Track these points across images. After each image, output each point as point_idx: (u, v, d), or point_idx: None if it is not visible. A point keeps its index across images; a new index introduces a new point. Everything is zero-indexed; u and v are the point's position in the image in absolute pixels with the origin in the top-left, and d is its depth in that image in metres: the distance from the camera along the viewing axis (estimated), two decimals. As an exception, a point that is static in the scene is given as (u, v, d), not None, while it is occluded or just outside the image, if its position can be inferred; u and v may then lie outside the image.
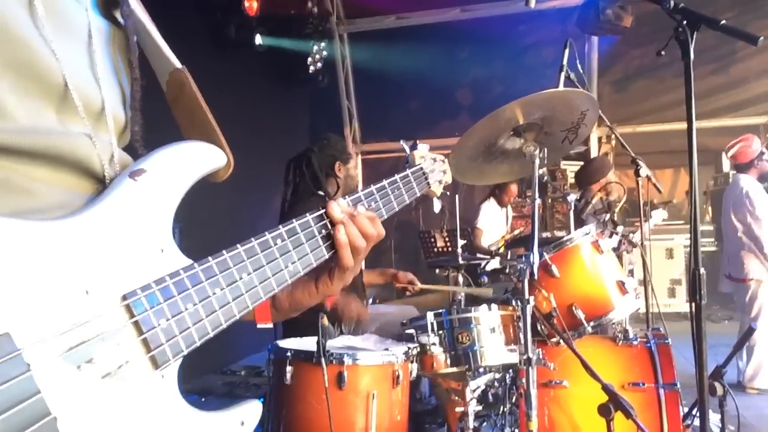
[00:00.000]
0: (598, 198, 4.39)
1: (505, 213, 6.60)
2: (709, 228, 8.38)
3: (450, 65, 8.20)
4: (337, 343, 2.49)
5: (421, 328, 2.38)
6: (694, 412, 2.51)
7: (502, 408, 2.79)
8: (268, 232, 0.90)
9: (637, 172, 3.55)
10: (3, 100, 0.69)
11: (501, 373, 2.68)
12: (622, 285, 2.61)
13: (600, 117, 2.88)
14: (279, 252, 0.90)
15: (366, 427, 2.15)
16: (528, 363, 2.24)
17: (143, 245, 0.76)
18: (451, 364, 2.36)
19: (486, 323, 2.36)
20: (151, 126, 0.91)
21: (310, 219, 0.97)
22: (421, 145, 1.40)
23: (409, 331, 2.38)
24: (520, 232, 4.76)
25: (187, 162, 0.84)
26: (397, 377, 2.22)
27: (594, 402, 2.17)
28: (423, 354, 2.37)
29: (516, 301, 2.39)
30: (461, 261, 3.29)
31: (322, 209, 1.00)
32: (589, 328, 2.54)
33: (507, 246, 5.10)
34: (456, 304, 3.01)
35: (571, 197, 3.56)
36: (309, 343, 2.39)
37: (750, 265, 4.77)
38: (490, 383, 2.72)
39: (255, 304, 0.85)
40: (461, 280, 3.31)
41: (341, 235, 0.99)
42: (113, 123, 0.83)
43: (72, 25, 0.80)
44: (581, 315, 2.53)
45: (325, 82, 7.84)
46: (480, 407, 2.58)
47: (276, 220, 3.19)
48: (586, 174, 4.84)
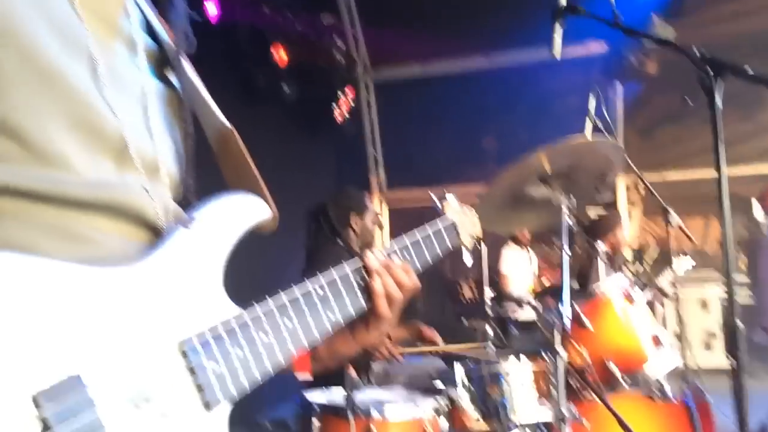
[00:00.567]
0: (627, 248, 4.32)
1: (528, 255, 6.53)
2: (745, 279, 8.16)
3: (475, 112, 8.25)
4: (365, 396, 2.43)
5: (450, 381, 2.32)
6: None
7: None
8: (309, 281, 0.93)
9: (668, 220, 3.48)
10: (68, 154, 0.75)
11: (533, 430, 2.58)
12: (657, 338, 2.53)
13: (627, 165, 2.84)
14: (320, 302, 0.93)
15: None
16: (562, 420, 2.16)
17: (197, 293, 0.80)
18: (482, 419, 2.28)
19: (517, 377, 2.29)
20: (203, 180, 0.96)
21: (348, 269, 1.00)
22: (450, 197, 1.41)
23: (438, 384, 2.32)
24: (551, 285, 4.67)
25: (237, 213, 0.88)
26: (426, 433, 2.15)
27: (631, 462, 2.08)
28: (452, 408, 2.30)
29: (547, 355, 2.32)
30: (489, 313, 3.22)
31: (357, 259, 1.02)
32: (624, 383, 2.45)
33: (538, 296, 5.01)
34: (484, 356, 2.93)
35: (601, 247, 3.50)
36: (336, 395, 2.33)
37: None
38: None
39: (299, 352, 0.88)
40: (490, 331, 3.24)
41: (378, 285, 1.01)
42: (167, 176, 0.89)
43: (130, 86, 0.86)
44: (615, 369, 2.44)
45: (352, 130, 7.93)
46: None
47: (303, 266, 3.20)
48: (592, 229, 4.77)
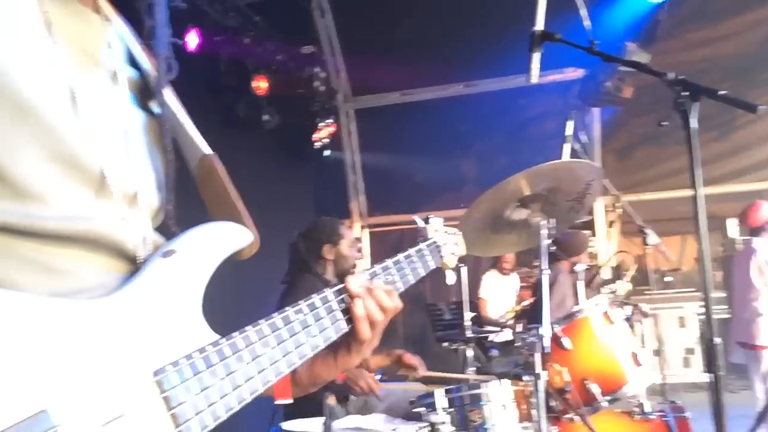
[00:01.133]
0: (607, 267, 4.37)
1: (510, 282, 6.56)
2: (722, 295, 8.26)
3: (454, 138, 8.34)
4: (344, 424, 2.42)
5: (431, 406, 2.31)
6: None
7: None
8: (289, 306, 0.93)
9: (645, 240, 3.53)
10: (45, 188, 0.75)
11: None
12: (635, 357, 2.55)
13: (605, 186, 2.89)
14: (300, 326, 0.93)
15: None
16: (543, 441, 2.16)
17: (174, 322, 0.80)
18: (464, 443, 2.28)
19: (497, 400, 2.29)
20: (183, 205, 0.97)
21: (329, 293, 1.01)
22: (434, 219, 1.43)
23: (418, 410, 2.31)
24: (529, 303, 4.71)
25: (216, 242, 0.89)
26: (408, 459, 2.14)
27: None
28: (434, 433, 2.29)
29: (528, 376, 2.33)
30: (470, 334, 3.23)
31: (340, 284, 1.03)
32: (605, 402, 2.46)
33: (516, 318, 5.03)
34: (464, 380, 2.93)
35: (580, 267, 3.53)
36: (314, 425, 2.32)
37: (764, 332, 4.65)
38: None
39: (278, 377, 0.87)
40: (470, 354, 3.24)
41: (359, 309, 1.01)
42: (147, 205, 0.90)
43: (110, 117, 0.87)
44: (596, 389, 2.46)
45: (332, 157, 7.97)
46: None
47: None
48: (558, 248, 4.81)
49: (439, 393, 2.32)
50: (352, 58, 8.32)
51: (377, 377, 3.59)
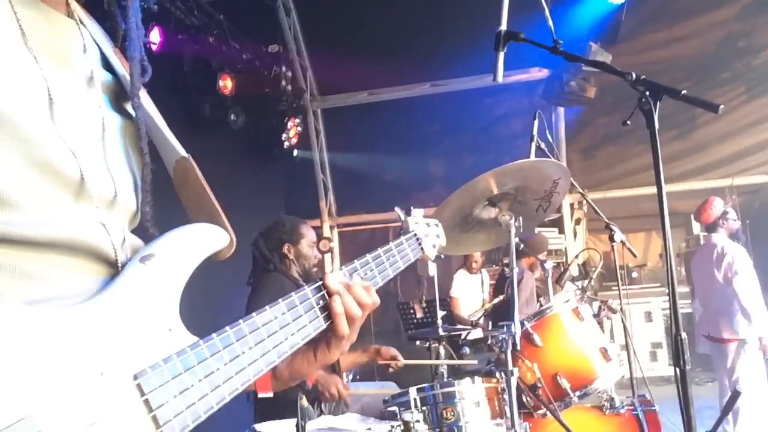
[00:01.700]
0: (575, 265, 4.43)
1: (480, 279, 6.62)
2: (685, 290, 8.45)
3: (422, 138, 8.38)
4: (318, 425, 2.40)
5: (404, 404, 2.31)
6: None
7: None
8: (269, 306, 0.94)
9: (611, 237, 3.58)
10: (23, 195, 0.75)
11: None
12: (605, 352, 2.59)
13: (572, 184, 2.93)
14: (279, 325, 0.94)
15: None
16: (515, 437, 2.18)
17: (152, 326, 0.81)
18: (437, 441, 2.28)
19: (470, 397, 2.30)
20: (161, 206, 0.97)
21: (308, 290, 1.01)
22: (415, 211, 1.44)
23: (392, 409, 2.31)
24: (500, 300, 4.75)
25: (194, 244, 0.90)
26: (382, 458, 2.14)
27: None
28: (407, 432, 2.29)
29: (500, 373, 2.34)
30: (441, 332, 3.24)
31: (319, 281, 1.03)
32: (575, 398, 2.49)
33: (487, 315, 5.07)
34: (438, 377, 2.94)
35: (549, 264, 3.57)
36: (288, 427, 2.30)
37: (729, 325, 4.77)
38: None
39: (257, 376, 0.88)
40: (443, 351, 3.26)
41: (337, 306, 1.02)
42: (124, 208, 0.90)
43: (87, 121, 0.87)
44: (566, 384, 2.49)
45: (300, 157, 7.93)
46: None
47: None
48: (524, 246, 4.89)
49: (413, 391, 2.32)
50: (318, 57, 8.29)
51: (350, 377, 3.59)
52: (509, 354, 2.24)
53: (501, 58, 2.23)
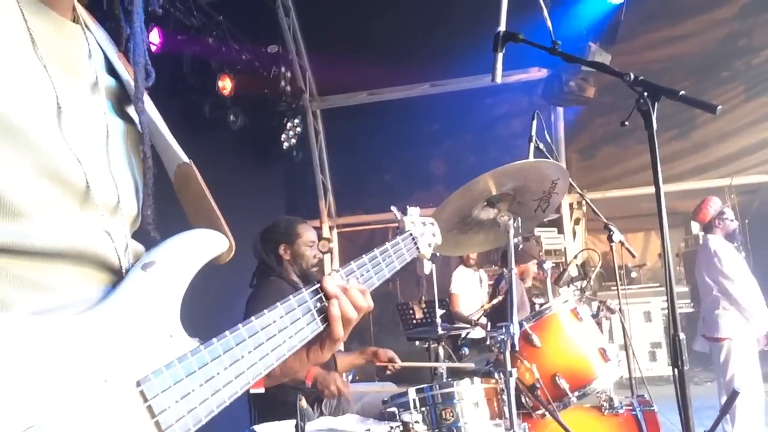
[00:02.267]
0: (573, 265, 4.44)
1: (478, 277, 6.63)
2: (684, 289, 8.45)
3: (422, 138, 8.38)
4: (317, 426, 2.40)
5: (403, 405, 2.31)
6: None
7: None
8: (267, 310, 0.95)
9: (610, 237, 3.59)
10: (31, 205, 0.76)
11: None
12: (604, 352, 2.59)
13: (570, 184, 2.93)
14: (277, 329, 0.95)
15: None
16: (514, 438, 2.18)
17: (154, 333, 0.83)
18: (436, 442, 2.28)
19: (469, 398, 2.30)
20: (161, 210, 0.99)
21: (306, 294, 1.02)
22: (411, 209, 1.45)
23: (391, 410, 2.31)
24: (498, 301, 4.75)
25: (194, 250, 0.91)
26: (381, 459, 2.14)
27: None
28: (406, 432, 2.29)
29: (499, 374, 2.34)
30: (440, 332, 3.24)
31: (317, 284, 1.04)
32: (574, 398, 2.50)
33: (487, 315, 5.07)
34: (437, 378, 2.95)
35: (548, 265, 3.58)
36: (287, 427, 2.30)
37: (723, 325, 4.78)
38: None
39: (256, 379, 0.90)
40: (441, 352, 3.26)
41: (335, 310, 1.03)
42: (127, 215, 0.92)
43: (92, 127, 0.88)
44: (565, 385, 2.49)
45: (300, 157, 7.93)
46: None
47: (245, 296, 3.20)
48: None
49: (412, 392, 2.32)
50: (317, 57, 8.28)
51: (349, 378, 3.59)
52: (508, 354, 2.24)
53: (500, 58, 2.23)
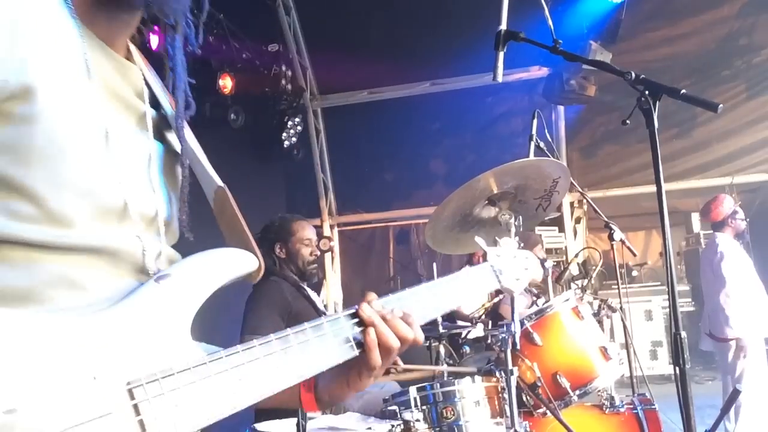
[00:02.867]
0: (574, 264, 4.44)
1: None
2: (685, 288, 8.44)
3: (422, 136, 8.37)
4: (318, 424, 2.40)
5: (404, 404, 2.32)
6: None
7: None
8: (291, 330, 0.92)
9: (611, 236, 3.58)
10: (74, 216, 0.84)
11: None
12: (605, 351, 2.59)
13: (571, 183, 2.93)
14: (300, 349, 0.91)
15: None
16: (515, 436, 2.18)
17: (156, 341, 0.84)
18: (437, 440, 2.28)
19: (470, 396, 2.31)
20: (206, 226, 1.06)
21: (342, 317, 0.98)
22: (504, 240, 1.35)
23: (392, 408, 2.31)
24: (500, 299, 4.75)
25: (214, 268, 0.93)
26: (382, 457, 2.14)
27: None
28: (407, 431, 2.29)
29: (500, 372, 2.34)
30: (441, 331, 3.24)
31: (354, 309, 1.00)
32: (575, 396, 2.50)
33: (488, 314, 5.07)
34: (438, 376, 2.95)
35: (549, 263, 3.57)
36: (288, 426, 2.30)
37: (731, 324, 4.76)
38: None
39: (262, 397, 0.88)
40: (443, 350, 3.26)
41: (370, 337, 0.99)
42: (164, 224, 0.99)
43: (135, 150, 0.96)
44: (566, 383, 2.49)
45: (300, 156, 7.92)
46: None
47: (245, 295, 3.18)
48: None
49: (413, 390, 2.32)
50: (318, 56, 8.28)
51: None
52: (509, 353, 2.24)
53: (501, 57, 2.23)
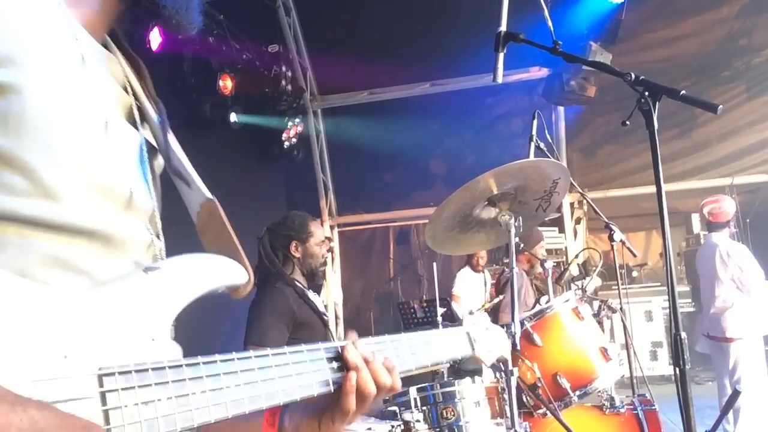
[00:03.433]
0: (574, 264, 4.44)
1: (483, 278, 6.63)
2: (685, 289, 8.45)
3: (422, 137, 8.37)
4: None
5: (404, 404, 2.32)
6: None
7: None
8: (270, 351, 0.88)
9: (611, 236, 3.58)
10: (69, 192, 0.81)
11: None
12: (605, 351, 2.59)
13: (571, 184, 2.93)
14: (278, 372, 0.87)
15: None
16: (515, 437, 2.18)
17: (134, 332, 0.81)
18: (437, 441, 2.29)
19: (470, 397, 2.31)
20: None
21: (323, 351, 0.93)
22: (479, 312, 1.33)
23: (392, 408, 2.31)
24: (499, 300, 4.75)
25: (207, 271, 0.91)
26: (382, 458, 2.14)
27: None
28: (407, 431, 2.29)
29: (500, 373, 2.34)
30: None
31: (339, 348, 0.95)
32: (575, 397, 2.50)
33: (488, 313, 5.07)
34: (438, 377, 2.95)
35: (549, 264, 3.58)
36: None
37: (733, 324, 4.75)
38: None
39: (235, 414, 0.82)
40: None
41: (351, 383, 0.93)
42: (159, 221, 0.98)
43: (129, 143, 0.94)
44: (566, 384, 2.49)
45: (301, 157, 7.94)
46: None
47: (249, 299, 3.16)
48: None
49: (413, 391, 2.32)
50: (318, 57, 8.29)
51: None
52: (509, 353, 2.24)
53: (501, 58, 2.23)
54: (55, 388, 0.70)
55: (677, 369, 1.79)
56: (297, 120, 7.54)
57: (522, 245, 4.70)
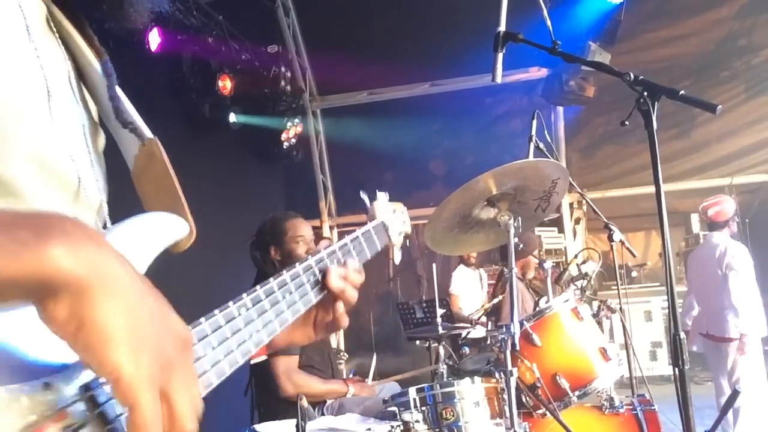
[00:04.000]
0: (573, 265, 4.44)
1: (479, 276, 6.63)
2: (684, 289, 8.44)
3: (422, 137, 8.37)
4: (318, 425, 2.40)
5: (404, 404, 2.32)
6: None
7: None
8: (272, 278, 0.96)
9: (611, 236, 3.58)
10: (22, 184, 0.72)
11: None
12: (604, 352, 2.59)
13: (570, 184, 2.93)
14: (244, 322, 0.90)
15: None
16: (515, 437, 2.18)
17: None
18: (437, 441, 2.28)
19: (470, 397, 2.31)
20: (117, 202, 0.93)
21: (308, 288, 1.02)
22: (380, 194, 1.38)
23: (392, 409, 2.31)
24: (499, 300, 4.76)
25: (149, 236, 0.82)
26: (382, 458, 2.14)
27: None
28: (406, 432, 2.29)
29: (499, 373, 2.34)
30: (441, 332, 3.24)
31: (319, 278, 1.05)
32: (575, 397, 2.50)
33: (487, 314, 5.08)
34: (438, 377, 2.95)
35: (548, 264, 3.58)
36: (288, 427, 2.30)
37: (733, 324, 4.74)
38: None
39: (221, 379, 0.80)
40: (442, 351, 3.26)
41: (341, 306, 1.10)
42: (106, 208, 0.88)
43: (73, 122, 0.84)
44: (566, 384, 2.49)
45: (300, 157, 7.93)
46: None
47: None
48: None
49: (412, 391, 2.32)
50: (317, 57, 8.28)
51: (351, 374, 3.58)
52: (508, 354, 2.24)
53: (500, 59, 2.23)
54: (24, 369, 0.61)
55: (676, 369, 1.79)
56: (296, 120, 7.54)
57: (521, 245, 4.70)
